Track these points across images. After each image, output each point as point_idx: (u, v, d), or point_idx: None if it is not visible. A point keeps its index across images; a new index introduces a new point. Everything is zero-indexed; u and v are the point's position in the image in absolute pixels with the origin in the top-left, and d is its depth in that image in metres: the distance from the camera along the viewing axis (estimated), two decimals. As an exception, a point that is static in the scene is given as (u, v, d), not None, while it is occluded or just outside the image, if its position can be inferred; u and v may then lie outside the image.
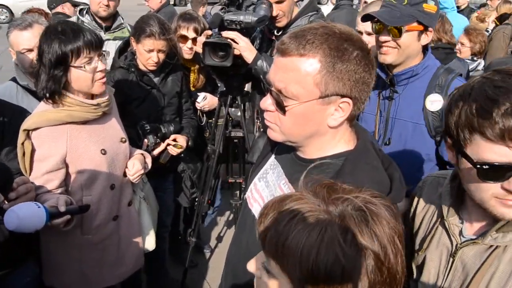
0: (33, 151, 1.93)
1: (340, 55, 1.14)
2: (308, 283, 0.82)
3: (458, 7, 6.14)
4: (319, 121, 1.20)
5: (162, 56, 2.75)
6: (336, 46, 1.14)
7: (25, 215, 1.57)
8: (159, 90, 2.86)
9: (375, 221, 0.83)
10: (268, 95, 1.23)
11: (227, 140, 2.88)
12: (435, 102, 2.01)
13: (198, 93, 3.19)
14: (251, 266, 0.99)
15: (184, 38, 3.12)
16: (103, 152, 2.08)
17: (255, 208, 1.44)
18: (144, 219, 2.39)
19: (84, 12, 3.76)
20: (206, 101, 3.17)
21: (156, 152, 2.72)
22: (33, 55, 2.40)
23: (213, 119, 2.94)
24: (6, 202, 1.62)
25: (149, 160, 2.38)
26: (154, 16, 2.84)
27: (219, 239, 4.14)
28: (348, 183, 0.95)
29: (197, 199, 3.01)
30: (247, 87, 3.03)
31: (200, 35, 3.03)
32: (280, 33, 2.75)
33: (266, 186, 1.43)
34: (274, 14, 2.62)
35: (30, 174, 1.96)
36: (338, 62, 1.14)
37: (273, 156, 1.47)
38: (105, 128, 2.13)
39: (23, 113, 2.03)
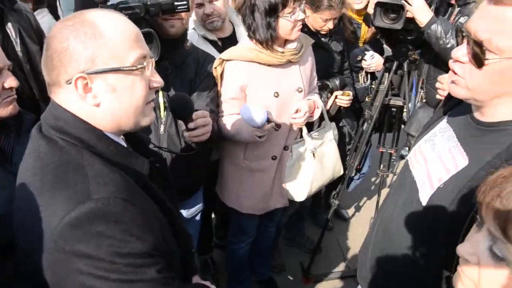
0: (222, 77, 2.23)
1: None
2: None
3: None
4: None
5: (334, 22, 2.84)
6: None
7: (254, 109, 2.08)
8: (326, 49, 2.89)
9: None
10: (465, 45, 1.15)
11: (384, 108, 2.81)
12: None
13: (366, 51, 3.14)
14: (464, 249, 0.87)
15: None
16: (276, 95, 2.25)
17: (416, 170, 1.41)
18: (303, 169, 2.47)
19: None
20: (373, 59, 3.11)
21: (328, 105, 2.82)
22: (203, 9, 2.57)
23: (375, 83, 2.87)
24: (186, 132, 1.80)
25: (318, 111, 2.46)
26: None
27: (358, 207, 4.12)
28: None
29: (346, 162, 3.01)
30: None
31: None
32: (463, -4, 2.54)
33: (432, 149, 1.37)
34: None
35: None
36: None
37: (445, 120, 1.40)
38: (285, 74, 2.30)
39: (213, 60, 2.24)
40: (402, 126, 2.98)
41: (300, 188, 2.48)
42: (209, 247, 3.31)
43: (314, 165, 2.47)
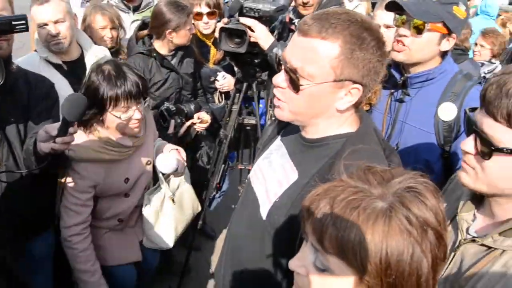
0: (70, 177, 2.07)
1: (360, 43, 1.17)
2: (379, 273, 0.81)
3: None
4: (328, 103, 1.24)
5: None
6: (357, 34, 1.17)
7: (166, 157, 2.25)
8: (177, 72, 2.92)
9: (427, 198, 0.83)
10: (282, 72, 1.26)
11: (239, 127, 2.92)
12: (447, 111, 1.86)
13: (218, 72, 3.22)
14: (294, 262, 0.95)
15: (199, 15, 3.19)
16: (126, 181, 2.22)
17: (257, 186, 1.49)
18: (165, 218, 2.43)
19: None
20: (225, 80, 3.19)
21: (182, 131, 2.84)
22: (47, 30, 2.46)
23: (228, 104, 2.98)
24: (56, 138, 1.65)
25: (183, 154, 2.43)
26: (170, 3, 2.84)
27: (224, 224, 4.16)
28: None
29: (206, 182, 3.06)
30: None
31: (214, 8, 3.16)
32: (302, 23, 2.78)
33: (269, 166, 1.46)
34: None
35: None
36: (356, 50, 1.17)
37: (279, 138, 1.51)
38: (133, 159, 2.23)
39: (46, 81, 2.11)
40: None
41: (166, 236, 2.46)
42: (68, 284, 3.08)
43: (175, 211, 2.47)
